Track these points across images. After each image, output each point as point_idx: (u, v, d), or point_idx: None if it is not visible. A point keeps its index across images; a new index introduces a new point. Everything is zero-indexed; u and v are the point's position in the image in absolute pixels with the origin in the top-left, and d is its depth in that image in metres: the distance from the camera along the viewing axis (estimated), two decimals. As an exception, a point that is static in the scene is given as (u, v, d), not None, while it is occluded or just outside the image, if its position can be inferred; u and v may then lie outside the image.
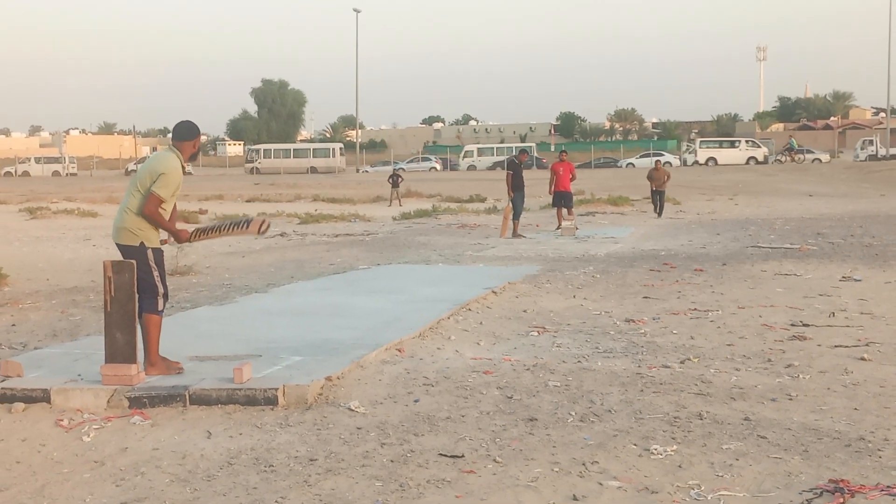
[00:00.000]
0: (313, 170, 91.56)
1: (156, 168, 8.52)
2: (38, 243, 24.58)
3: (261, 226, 8.94)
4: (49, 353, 9.61)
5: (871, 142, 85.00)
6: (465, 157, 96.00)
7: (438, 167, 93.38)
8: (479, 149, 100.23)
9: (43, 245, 24.08)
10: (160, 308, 8.48)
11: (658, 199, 32.45)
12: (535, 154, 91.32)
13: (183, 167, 8.76)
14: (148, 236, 8.46)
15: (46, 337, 10.89)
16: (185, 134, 8.79)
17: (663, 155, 78.98)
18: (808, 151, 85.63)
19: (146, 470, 6.31)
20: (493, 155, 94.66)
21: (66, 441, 6.96)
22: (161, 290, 8.46)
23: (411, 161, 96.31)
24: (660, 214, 32.05)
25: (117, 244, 8.59)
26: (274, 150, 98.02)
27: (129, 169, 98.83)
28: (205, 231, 9.09)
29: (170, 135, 9.40)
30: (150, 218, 8.38)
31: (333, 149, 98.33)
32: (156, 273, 8.44)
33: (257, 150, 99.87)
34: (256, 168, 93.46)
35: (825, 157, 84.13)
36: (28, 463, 6.55)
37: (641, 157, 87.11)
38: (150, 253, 8.43)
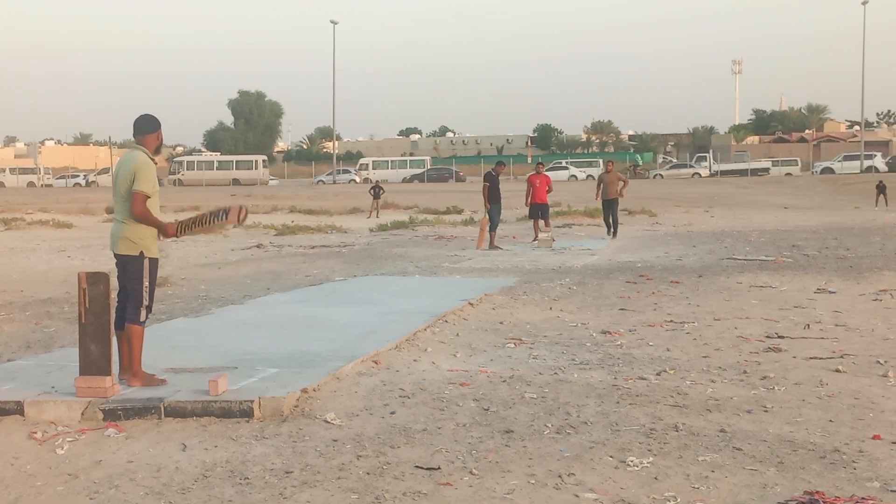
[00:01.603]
0: (236, 181, 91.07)
1: (128, 169, 8.46)
2: (12, 254, 24.47)
3: (239, 213, 8.96)
4: (22, 364, 9.57)
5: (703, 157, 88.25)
6: (360, 169, 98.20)
7: (358, 179, 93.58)
8: (373, 162, 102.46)
9: (17, 256, 23.98)
10: (142, 319, 8.45)
11: (610, 212, 27.84)
12: (454, 168, 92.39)
13: (153, 161, 8.68)
14: (147, 245, 8.45)
15: (20, 349, 10.84)
16: (146, 127, 8.74)
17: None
18: (690, 166, 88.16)
19: (120, 483, 6.28)
20: (387, 168, 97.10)
21: (39, 454, 6.93)
22: (146, 301, 8.42)
23: (330, 174, 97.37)
24: (614, 234, 27.86)
25: (116, 254, 8.55)
26: (197, 161, 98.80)
27: (89, 180, 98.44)
28: (189, 226, 9.01)
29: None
30: (142, 217, 8.35)
31: (256, 161, 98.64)
32: (145, 283, 8.42)
33: (181, 162, 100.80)
34: (179, 179, 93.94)
35: (704, 172, 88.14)
36: (0, 476, 6.51)
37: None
38: (146, 263, 8.43)
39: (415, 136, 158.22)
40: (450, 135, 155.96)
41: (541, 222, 25.88)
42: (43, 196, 68.51)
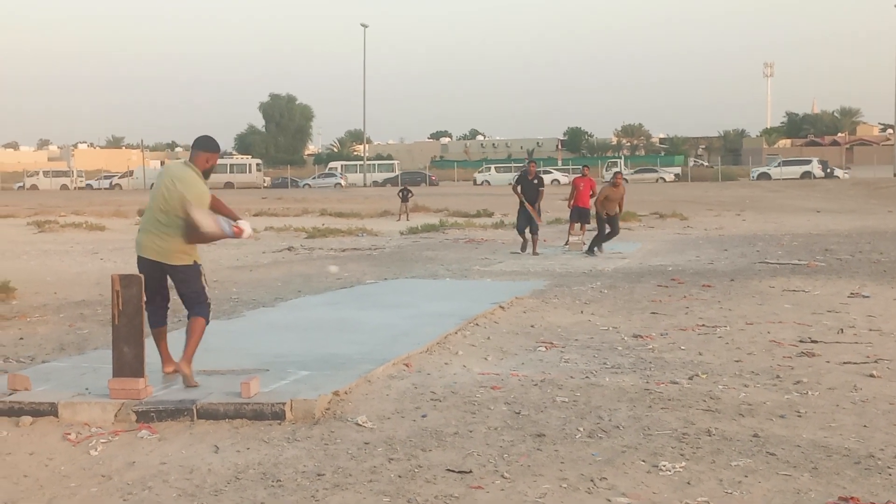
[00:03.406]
0: (229, 185, 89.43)
1: (182, 193, 8.46)
2: (45, 257, 24.62)
3: (241, 234, 9.10)
4: (56, 366, 9.61)
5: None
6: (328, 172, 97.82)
7: (343, 183, 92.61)
8: (342, 165, 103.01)
9: (51, 259, 24.12)
10: (208, 313, 8.78)
11: (611, 226, 23.75)
12: (427, 172, 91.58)
13: (200, 177, 8.73)
14: (198, 254, 8.72)
15: (54, 350, 10.90)
16: (205, 145, 8.86)
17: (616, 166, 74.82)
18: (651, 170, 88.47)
19: (153, 484, 6.30)
20: (356, 172, 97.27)
21: (73, 455, 6.96)
22: (209, 300, 8.76)
23: (317, 177, 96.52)
24: (599, 248, 23.59)
25: (170, 265, 8.62)
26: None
27: (112, 183, 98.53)
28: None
29: (177, 149, 9.50)
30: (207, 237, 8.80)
31: (250, 164, 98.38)
32: (205, 285, 8.74)
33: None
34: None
35: (670, 177, 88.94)
36: (35, 477, 6.55)
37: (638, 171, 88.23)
38: (202, 269, 8.75)
39: (445, 140, 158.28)
40: (479, 138, 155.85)
41: (577, 225, 25.54)
42: (76, 198, 68.90)
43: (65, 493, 6.25)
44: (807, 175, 79.95)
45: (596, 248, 23.40)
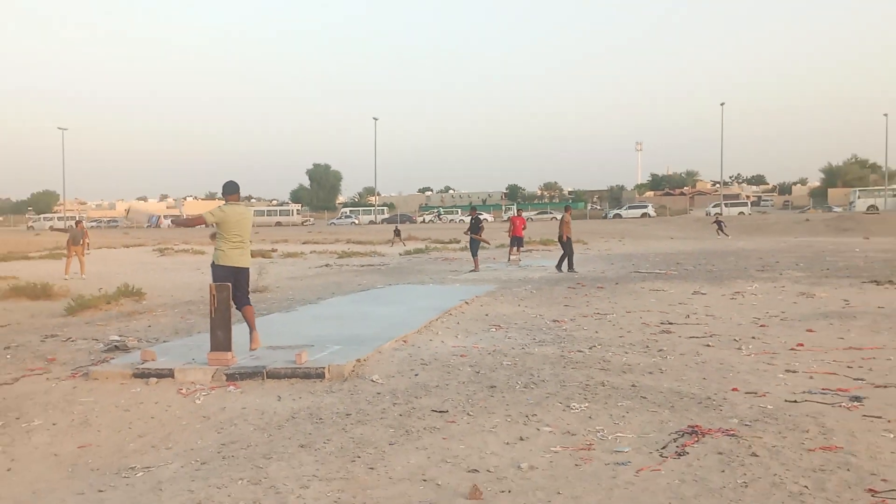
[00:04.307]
0: (279, 224, 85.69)
1: (249, 216, 8.88)
2: (164, 272, 24.50)
3: None
4: (172, 344, 9.59)
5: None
6: (347, 214, 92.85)
7: (357, 222, 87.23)
8: (354, 210, 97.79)
9: (168, 273, 24.01)
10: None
11: (568, 247, 21.36)
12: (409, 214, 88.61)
13: (246, 212, 8.85)
14: (217, 257, 8.67)
15: (171, 334, 10.85)
16: (229, 189, 8.83)
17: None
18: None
19: (238, 422, 6.30)
20: (366, 213, 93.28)
21: (184, 403, 6.94)
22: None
23: (339, 218, 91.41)
24: (570, 266, 21.12)
25: (242, 268, 8.72)
26: (255, 210, 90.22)
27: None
28: None
29: (252, 200, 9.60)
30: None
31: (293, 209, 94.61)
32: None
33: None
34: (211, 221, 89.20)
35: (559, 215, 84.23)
36: (159, 418, 6.53)
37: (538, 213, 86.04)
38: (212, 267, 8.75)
39: (428, 192, 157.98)
40: (451, 191, 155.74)
41: (514, 248, 25.59)
42: (186, 233, 68.61)
43: (178, 428, 6.24)
44: (645, 215, 77.52)
45: (563, 267, 21.35)
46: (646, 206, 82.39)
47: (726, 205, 78.94)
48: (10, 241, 49.22)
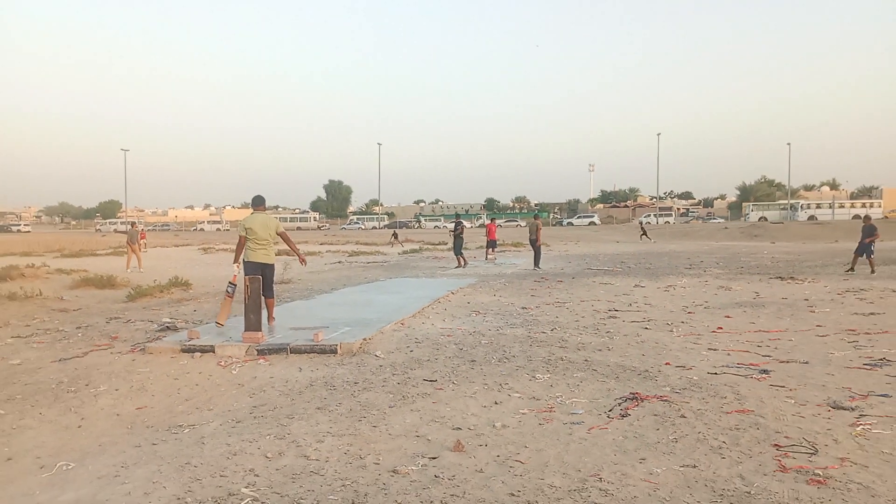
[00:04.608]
0: (299, 228, 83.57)
1: (273, 222, 8.94)
2: (207, 267, 24.34)
3: (303, 261, 9.76)
4: (214, 326, 9.51)
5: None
6: (354, 221, 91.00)
7: (363, 227, 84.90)
8: (359, 217, 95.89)
9: (210, 268, 23.85)
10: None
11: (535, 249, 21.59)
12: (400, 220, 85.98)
13: (269, 220, 8.91)
14: (245, 256, 8.83)
15: (212, 317, 10.77)
16: (256, 202, 9.08)
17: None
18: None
19: (266, 388, 6.26)
20: (371, 220, 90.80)
21: (223, 373, 6.90)
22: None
23: (348, 224, 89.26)
24: (537, 264, 21.15)
25: (268, 264, 8.85)
26: (279, 217, 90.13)
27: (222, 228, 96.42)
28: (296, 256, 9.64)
29: (278, 208, 9.69)
30: (288, 240, 9.12)
31: (311, 217, 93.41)
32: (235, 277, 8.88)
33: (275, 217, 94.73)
34: (241, 227, 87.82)
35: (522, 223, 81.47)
36: (202, 385, 6.49)
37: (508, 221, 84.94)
38: (236, 269, 8.88)
39: (422, 203, 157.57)
40: (441, 202, 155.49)
41: (490, 249, 25.90)
42: (225, 235, 68.24)
43: (218, 393, 6.20)
44: (592, 223, 76.80)
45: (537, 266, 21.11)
46: (592, 216, 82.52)
47: (656, 215, 79.32)
48: (81, 240, 48.76)
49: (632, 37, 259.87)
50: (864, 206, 72.07)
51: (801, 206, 71.39)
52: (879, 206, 71.82)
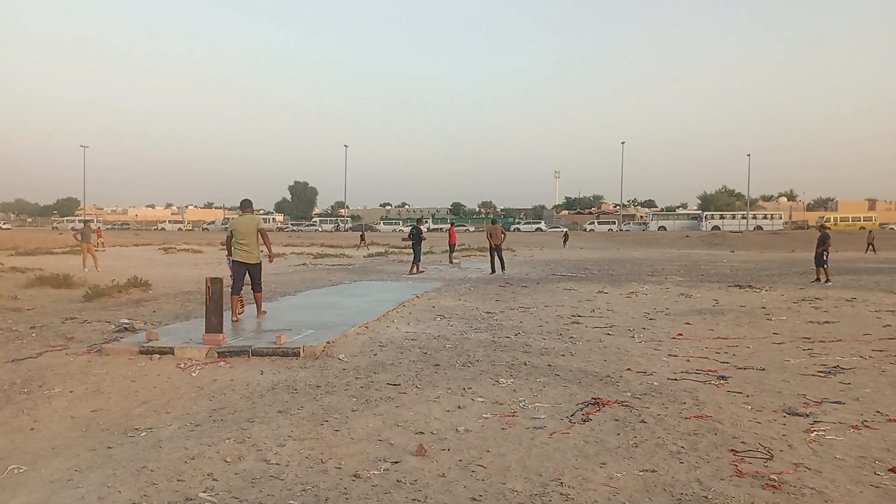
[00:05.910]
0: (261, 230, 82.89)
1: (254, 222, 9.77)
2: (168, 267, 23.91)
3: (272, 259, 10.48)
4: (174, 327, 9.34)
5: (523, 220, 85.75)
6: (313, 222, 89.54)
7: (320, 229, 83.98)
8: (320, 219, 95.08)
9: (171, 269, 23.42)
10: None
11: (497, 254, 21.11)
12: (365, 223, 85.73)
13: (252, 220, 9.78)
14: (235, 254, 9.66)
15: (173, 318, 10.57)
16: (244, 205, 10.04)
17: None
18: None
19: (227, 391, 6.17)
20: (325, 224, 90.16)
21: (182, 376, 6.77)
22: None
23: (306, 225, 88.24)
24: (503, 269, 21.05)
25: (253, 263, 9.73)
26: (231, 218, 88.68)
27: (203, 227, 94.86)
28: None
29: (247, 209, 10.03)
30: (267, 240, 10.01)
31: (273, 218, 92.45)
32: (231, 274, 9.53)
33: (228, 219, 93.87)
34: (227, 228, 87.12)
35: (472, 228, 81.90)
36: (161, 387, 6.36)
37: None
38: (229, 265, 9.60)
39: (388, 206, 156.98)
40: (406, 205, 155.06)
41: (452, 254, 26.23)
42: (186, 236, 67.09)
43: (177, 395, 6.09)
44: (539, 230, 77.41)
45: (501, 268, 21.03)
46: (540, 223, 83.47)
47: (599, 222, 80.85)
48: (37, 238, 47.47)
49: (600, 46, 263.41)
50: (767, 217, 76.78)
51: (705, 217, 77.41)
52: (780, 218, 77.41)
